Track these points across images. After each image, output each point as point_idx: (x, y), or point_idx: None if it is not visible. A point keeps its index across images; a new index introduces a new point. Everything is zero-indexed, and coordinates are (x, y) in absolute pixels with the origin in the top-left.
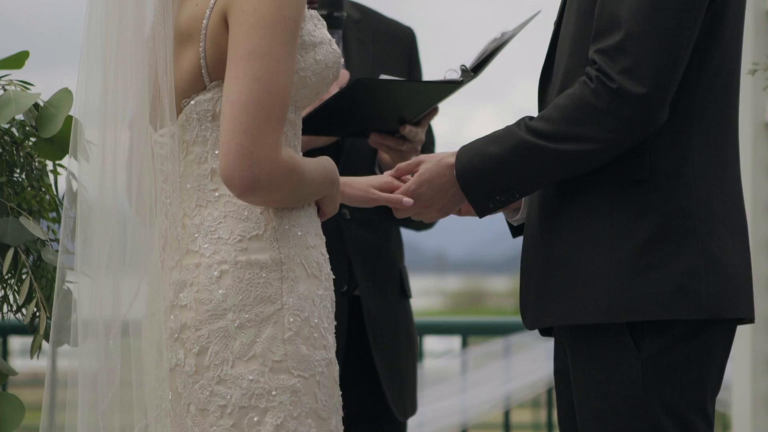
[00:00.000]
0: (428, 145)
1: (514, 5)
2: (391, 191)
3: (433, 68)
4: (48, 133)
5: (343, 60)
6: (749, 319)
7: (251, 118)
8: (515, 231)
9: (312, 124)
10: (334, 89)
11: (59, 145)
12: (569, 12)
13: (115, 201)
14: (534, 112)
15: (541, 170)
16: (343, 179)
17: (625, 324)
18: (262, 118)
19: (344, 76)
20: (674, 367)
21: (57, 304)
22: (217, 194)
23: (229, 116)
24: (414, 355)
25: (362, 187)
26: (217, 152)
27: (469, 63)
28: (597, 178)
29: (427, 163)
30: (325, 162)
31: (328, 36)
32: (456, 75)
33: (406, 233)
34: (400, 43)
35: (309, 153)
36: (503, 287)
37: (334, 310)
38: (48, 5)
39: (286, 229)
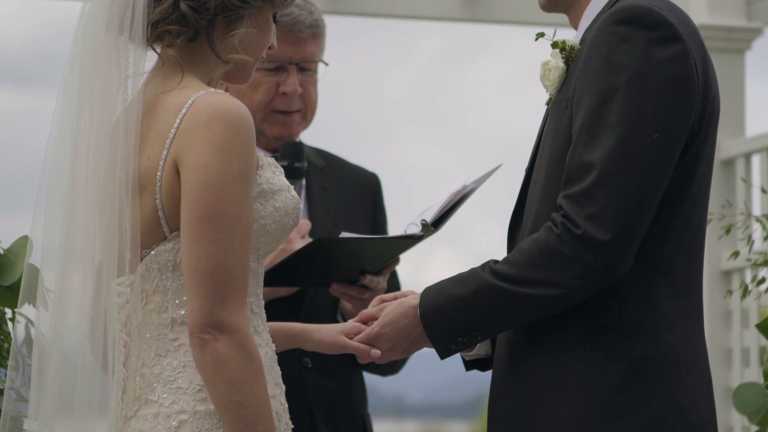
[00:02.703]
0: (393, 291)
1: (476, 151)
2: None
3: (398, 212)
4: (7, 280)
5: (302, 206)
6: None
7: (212, 281)
8: (468, 365)
9: (273, 277)
10: (295, 237)
11: (18, 292)
12: (541, 158)
13: (73, 349)
14: (493, 256)
15: (504, 313)
16: (314, 326)
17: None
18: (223, 281)
19: (306, 225)
20: None
21: None
22: (176, 344)
23: (191, 281)
24: None
25: (332, 333)
26: (177, 302)
27: (429, 217)
28: (566, 322)
29: (390, 305)
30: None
31: (287, 183)
32: (416, 229)
33: (365, 376)
34: (364, 190)
35: (271, 303)
36: None
37: None
38: (5, 150)
39: None
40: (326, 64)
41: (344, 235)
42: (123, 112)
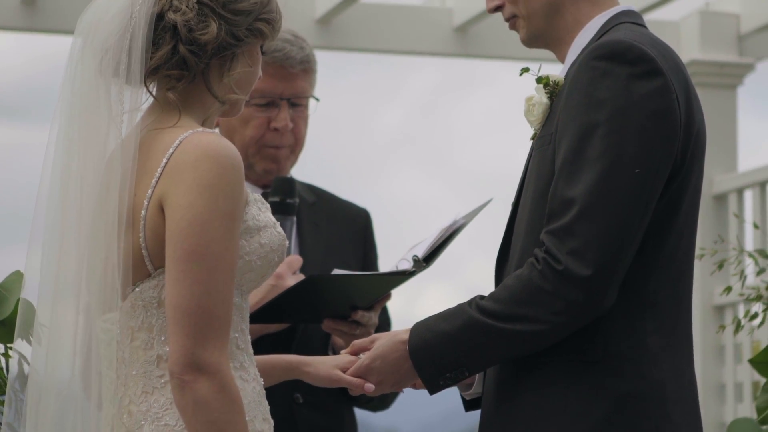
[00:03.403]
0: (384, 326)
1: (468, 185)
2: None
3: (389, 246)
4: (0, 315)
5: (288, 242)
6: None
7: (194, 321)
8: (468, 405)
9: (265, 315)
10: (287, 273)
11: (11, 327)
12: (526, 194)
13: (65, 385)
14: (485, 290)
15: (489, 349)
16: (309, 359)
17: None
18: (205, 321)
19: (297, 260)
20: None
21: None
22: (163, 381)
23: (173, 319)
24: None
25: (326, 368)
26: (162, 338)
27: (420, 252)
28: (551, 357)
29: (381, 339)
30: None
31: (273, 219)
32: (408, 265)
33: (356, 411)
34: (354, 225)
35: (261, 339)
36: None
37: None
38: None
39: None
40: (317, 99)
41: (336, 272)
42: (118, 148)
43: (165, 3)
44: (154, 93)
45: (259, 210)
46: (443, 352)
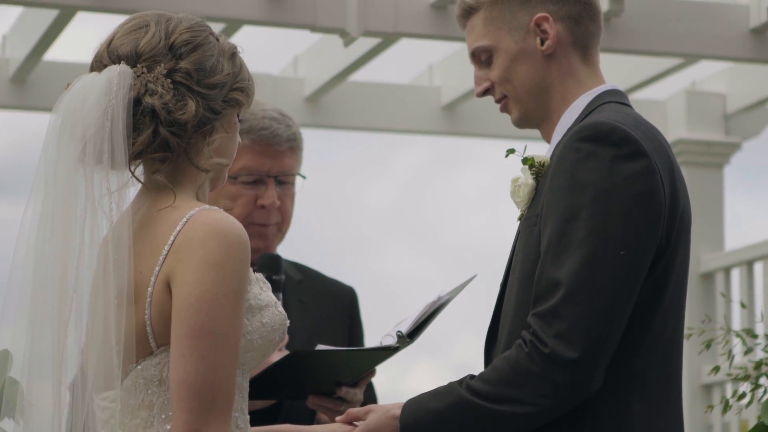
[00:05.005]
0: (370, 403)
1: (457, 262)
2: None
3: (375, 323)
4: None
5: (288, 322)
6: None
7: (198, 397)
8: None
9: (249, 391)
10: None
11: None
12: (513, 275)
13: None
14: (474, 367)
15: (478, 429)
16: (307, 429)
17: None
18: (209, 398)
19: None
20: None
21: None
22: None
23: (177, 395)
24: None
25: None
26: (163, 417)
27: (405, 328)
28: None
29: (374, 413)
30: None
31: (274, 298)
32: (392, 340)
33: None
34: (341, 303)
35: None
36: None
37: None
38: None
39: None
40: (304, 177)
41: (320, 347)
42: (112, 230)
43: (140, 87)
44: (138, 176)
45: (261, 289)
46: (433, 430)
